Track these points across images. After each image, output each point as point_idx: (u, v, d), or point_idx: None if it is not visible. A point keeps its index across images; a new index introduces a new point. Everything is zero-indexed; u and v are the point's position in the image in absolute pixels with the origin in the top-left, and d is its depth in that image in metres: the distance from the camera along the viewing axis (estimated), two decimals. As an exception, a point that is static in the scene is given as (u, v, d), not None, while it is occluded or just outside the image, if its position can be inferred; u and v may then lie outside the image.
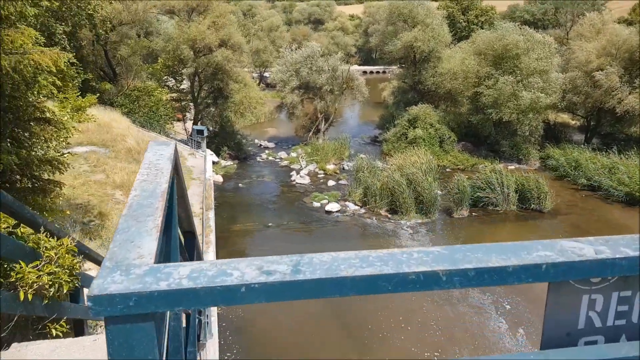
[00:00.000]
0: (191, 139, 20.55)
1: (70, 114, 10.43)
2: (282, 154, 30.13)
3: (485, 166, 25.84)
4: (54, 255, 3.26)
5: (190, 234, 3.33)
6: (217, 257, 16.26)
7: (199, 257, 3.69)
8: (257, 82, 51.06)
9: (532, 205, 21.84)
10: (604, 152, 25.95)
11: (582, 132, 31.41)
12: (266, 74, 52.26)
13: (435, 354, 12.43)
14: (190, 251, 3.39)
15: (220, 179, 24.79)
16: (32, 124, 7.22)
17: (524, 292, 15.10)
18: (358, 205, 22.03)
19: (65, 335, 3.61)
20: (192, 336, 3.41)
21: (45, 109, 7.49)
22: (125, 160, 16.32)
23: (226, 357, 12.08)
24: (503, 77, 27.10)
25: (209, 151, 23.81)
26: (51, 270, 3.16)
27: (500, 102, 26.88)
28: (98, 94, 20.60)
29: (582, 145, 28.17)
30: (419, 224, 20.50)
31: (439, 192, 23.26)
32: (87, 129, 17.73)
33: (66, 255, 3.39)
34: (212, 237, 11.91)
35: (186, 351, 3.23)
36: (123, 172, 15.33)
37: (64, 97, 17.02)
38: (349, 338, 12.99)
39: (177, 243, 2.07)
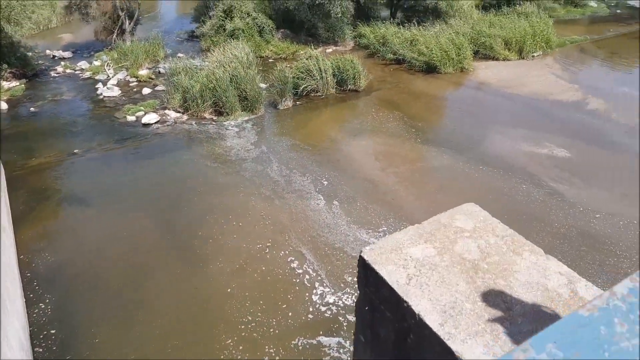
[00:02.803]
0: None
1: None
2: (84, 64, 26.18)
3: (305, 52, 25.91)
4: None
5: None
6: (11, 202, 14.08)
7: None
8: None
9: (349, 86, 22.95)
10: (406, 25, 27.82)
11: (388, 7, 32.93)
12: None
13: (267, 243, 13.02)
14: None
15: (4, 105, 20.78)
16: None
17: (341, 167, 16.30)
18: (180, 112, 20.68)
19: None
20: None
21: None
22: None
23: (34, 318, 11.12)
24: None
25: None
26: None
27: (311, -17, 26.37)
28: None
29: (390, 21, 29.72)
30: (245, 121, 20.21)
31: (263, 85, 22.97)
32: None
33: None
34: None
35: None
36: None
37: None
38: (179, 253, 12.79)
39: None
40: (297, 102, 21.94)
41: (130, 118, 20.13)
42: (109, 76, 24.43)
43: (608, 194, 14.93)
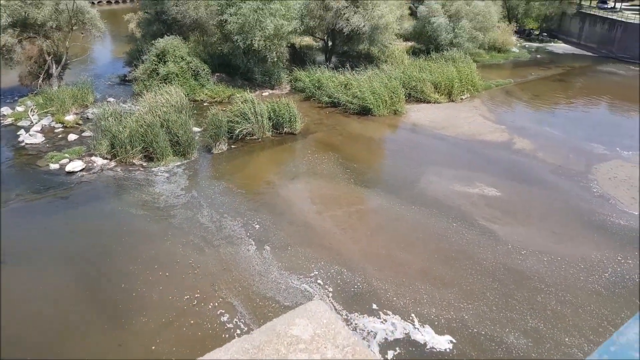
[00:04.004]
0: None
1: None
2: (5, 110, 24.75)
3: (241, 96, 25.91)
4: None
5: None
6: None
7: None
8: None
9: (286, 129, 22.99)
10: (340, 70, 28.69)
11: (323, 52, 33.97)
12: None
13: (196, 294, 12.31)
14: None
15: None
16: None
17: (276, 211, 15.99)
18: (107, 159, 19.72)
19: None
20: None
21: None
22: None
23: None
24: (245, 2, 26.80)
25: None
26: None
27: (247, 30, 26.71)
28: None
29: (324, 65, 30.55)
30: (176, 167, 19.57)
31: (197, 129, 22.56)
32: None
33: None
34: None
35: None
36: None
37: None
38: (101, 309, 11.81)
39: None
40: (233, 146, 21.64)
41: (54, 166, 18.97)
42: (32, 122, 23.16)
43: (535, 230, 15.43)
